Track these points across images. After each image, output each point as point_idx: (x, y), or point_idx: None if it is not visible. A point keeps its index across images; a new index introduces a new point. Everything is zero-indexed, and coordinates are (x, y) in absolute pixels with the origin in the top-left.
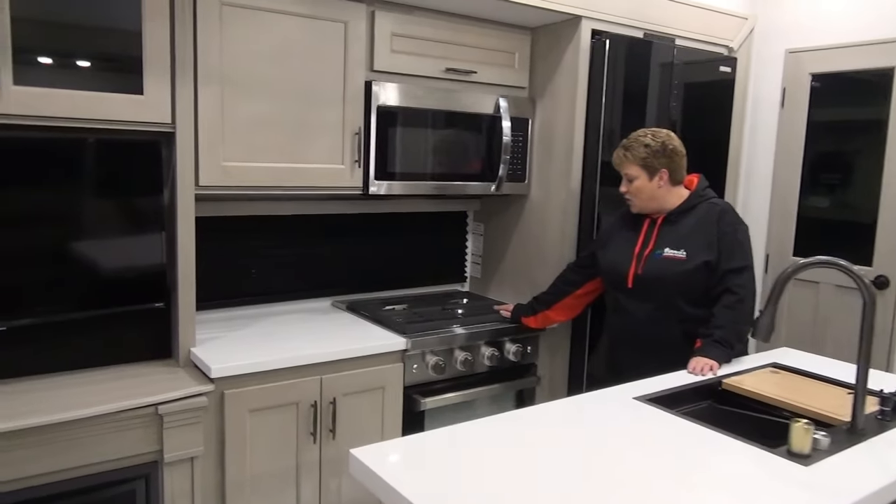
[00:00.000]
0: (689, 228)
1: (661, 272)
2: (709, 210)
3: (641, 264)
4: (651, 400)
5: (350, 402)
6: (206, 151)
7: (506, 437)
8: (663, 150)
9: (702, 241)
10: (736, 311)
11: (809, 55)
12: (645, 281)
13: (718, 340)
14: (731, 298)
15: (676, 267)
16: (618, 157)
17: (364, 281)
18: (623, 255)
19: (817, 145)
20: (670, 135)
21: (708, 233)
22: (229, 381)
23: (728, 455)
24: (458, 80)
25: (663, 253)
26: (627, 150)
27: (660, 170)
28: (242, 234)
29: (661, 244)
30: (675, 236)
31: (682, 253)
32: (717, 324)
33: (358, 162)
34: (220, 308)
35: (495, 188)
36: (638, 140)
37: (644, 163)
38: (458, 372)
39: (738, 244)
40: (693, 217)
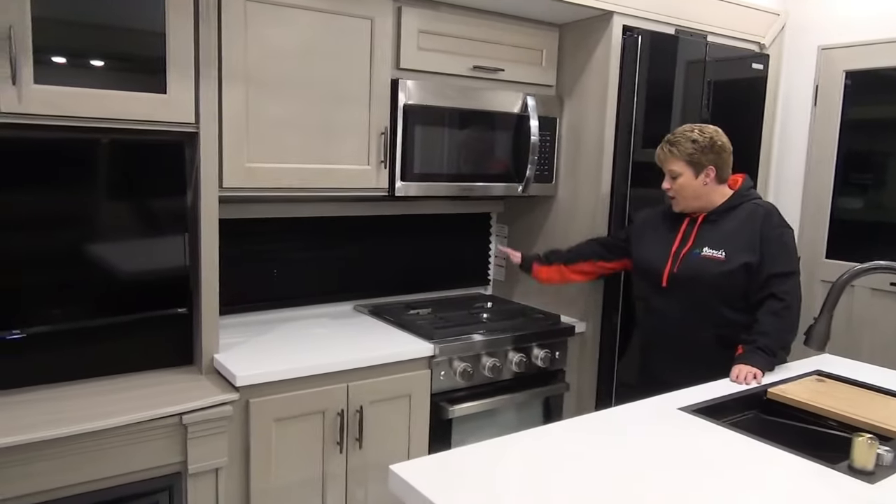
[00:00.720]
0: (730, 229)
1: (698, 272)
2: (753, 211)
3: (678, 263)
4: (697, 411)
5: (377, 410)
6: (231, 152)
7: (550, 453)
8: (711, 146)
9: (743, 243)
10: (782, 319)
11: (843, 52)
12: (680, 280)
13: (762, 348)
14: (777, 305)
15: (714, 268)
16: (662, 152)
17: (386, 284)
18: (659, 252)
19: (851, 145)
20: (718, 131)
21: (750, 234)
22: (255, 389)
23: (787, 471)
24: (485, 79)
25: (702, 252)
26: (673, 146)
27: (706, 167)
28: (263, 237)
29: (700, 243)
30: (716, 236)
31: (721, 253)
32: (762, 330)
33: (384, 162)
34: (241, 312)
35: (522, 189)
36: (685, 135)
37: (690, 159)
38: (486, 378)
39: (783, 248)
40: (735, 217)
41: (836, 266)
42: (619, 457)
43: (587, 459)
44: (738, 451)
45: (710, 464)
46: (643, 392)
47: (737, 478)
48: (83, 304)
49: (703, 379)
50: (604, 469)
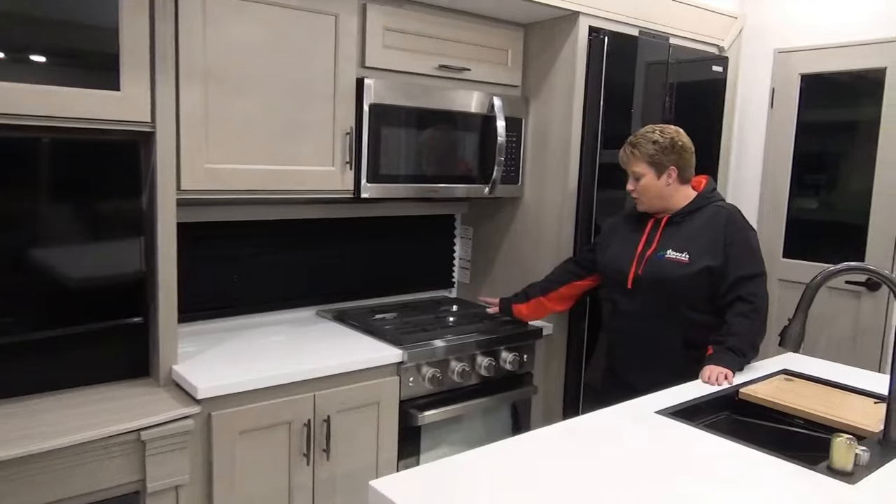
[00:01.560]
0: (694, 231)
1: (663, 274)
2: (716, 213)
3: (643, 265)
4: (674, 414)
5: (344, 419)
6: (189, 153)
7: (534, 462)
8: (672, 146)
9: (706, 245)
10: (751, 320)
11: (799, 55)
12: (645, 282)
13: (731, 348)
14: (746, 307)
15: (678, 270)
16: (624, 154)
17: (349, 288)
18: (624, 254)
19: (807, 146)
20: (679, 131)
21: (714, 237)
22: (217, 401)
23: (768, 474)
24: (450, 78)
25: (666, 254)
26: (635, 147)
27: (668, 167)
28: (222, 241)
29: (665, 245)
30: (680, 238)
31: (684, 255)
32: (731, 331)
33: (350, 164)
34: (201, 320)
35: (489, 190)
36: (646, 136)
37: (652, 160)
38: (454, 384)
39: (749, 250)
40: (699, 219)
41: (793, 265)
42: (605, 464)
43: (573, 468)
44: (719, 454)
45: (693, 468)
46: (609, 394)
47: (720, 481)
48: (29, 315)
49: (669, 381)
50: (592, 477)
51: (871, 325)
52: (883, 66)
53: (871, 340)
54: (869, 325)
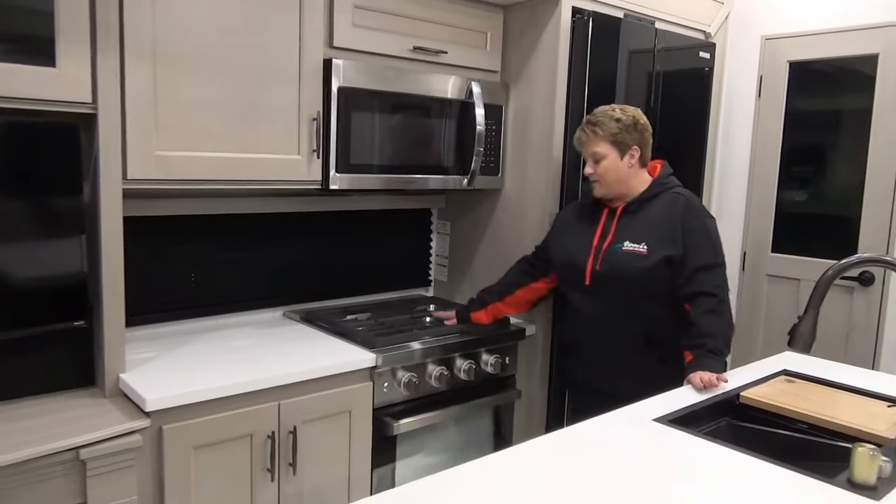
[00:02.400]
0: (650, 220)
1: (621, 268)
2: (673, 201)
3: (600, 259)
4: (672, 421)
5: (312, 430)
6: (136, 138)
7: (530, 477)
8: (634, 125)
9: (664, 235)
10: (719, 316)
11: (787, 42)
12: (604, 277)
13: (712, 350)
14: (711, 301)
15: (637, 262)
16: (584, 134)
17: (317, 288)
18: (580, 248)
19: (796, 136)
20: (638, 111)
21: (671, 225)
22: (168, 413)
23: (784, 488)
24: (426, 62)
25: (623, 246)
26: (596, 126)
27: (631, 147)
28: (177, 236)
29: (621, 237)
30: (636, 228)
31: (642, 247)
32: (705, 332)
33: (317, 152)
34: (153, 323)
35: (468, 182)
36: (606, 115)
37: (615, 139)
38: (432, 389)
39: (706, 239)
40: (655, 207)
41: (782, 260)
42: (604, 477)
43: (570, 483)
44: (726, 467)
45: (700, 482)
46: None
47: (732, 498)
48: None
49: (632, 382)
50: (592, 492)
51: (865, 321)
52: (875, 52)
53: (864, 338)
54: (862, 321)
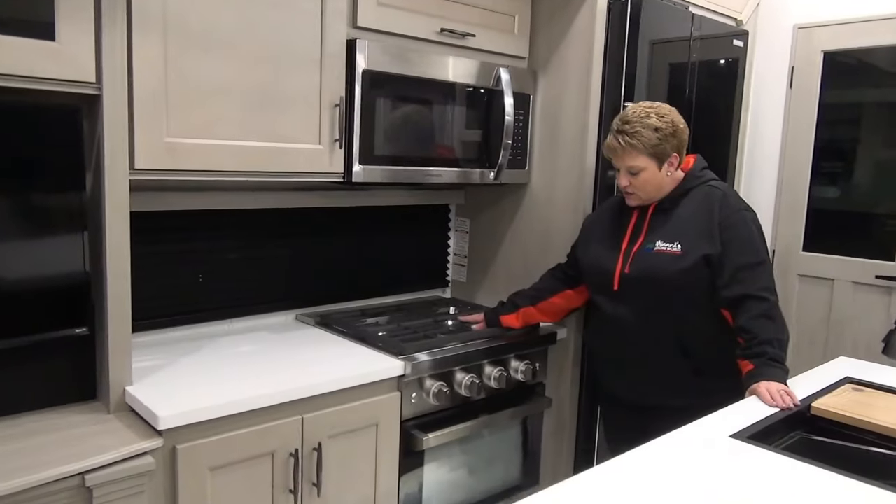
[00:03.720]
0: (684, 217)
1: (653, 270)
2: (708, 194)
3: (629, 261)
4: (750, 438)
5: (338, 446)
6: (145, 123)
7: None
8: (674, 131)
9: (700, 232)
10: (773, 320)
11: (821, 31)
12: (633, 281)
13: (773, 359)
14: (763, 305)
15: (671, 264)
16: (618, 146)
17: (330, 290)
18: (607, 251)
19: (830, 130)
20: (673, 109)
21: (707, 221)
22: (183, 431)
23: None
24: (453, 45)
25: (654, 247)
26: (632, 138)
27: (671, 155)
28: (183, 234)
29: (653, 237)
30: (669, 227)
31: (676, 246)
32: (762, 339)
33: (339, 141)
34: (157, 329)
35: (495, 175)
36: (643, 122)
37: (655, 151)
38: (462, 398)
39: (748, 234)
40: (689, 203)
41: (814, 259)
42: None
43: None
44: (830, 490)
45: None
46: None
47: None
48: None
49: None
50: None
51: None
52: None
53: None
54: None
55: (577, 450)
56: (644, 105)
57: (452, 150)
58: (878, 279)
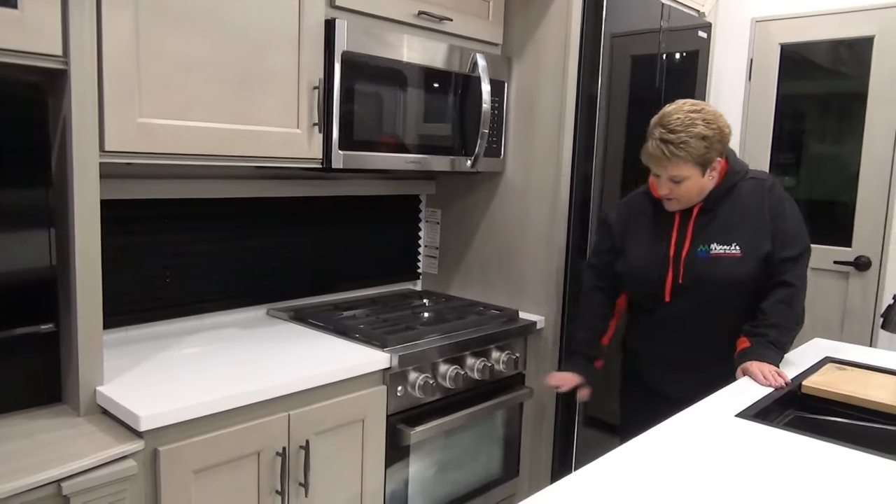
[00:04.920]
0: (736, 214)
1: (713, 276)
2: (755, 187)
3: (681, 269)
4: (754, 416)
5: (324, 443)
6: (116, 101)
7: (647, 486)
8: (721, 137)
9: (754, 228)
10: (792, 309)
11: (779, 24)
12: (689, 290)
13: (774, 343)
14: (787, 291)
15: (733, 268)
16: (662, 155)
17: (299, 284)
18: (652, 258)
19: (788, 121)
20: (717, 113)
21: (759, 215)
22: (165, 432)
23: None
24: (430, 29)
25: (710, 250)
26: (679, 148)
27: (715, 160)
28: (151, 224)
29: (704, 239)
30: (721, 227)
31: (735, 248)
32: (772, 322)
33: (318, 125)
34: (123, 326)
35: (472, 164)
36: (689, 131)
37: (702, 160)
38: (446, 391)
39: (799, 225)
40: (737, 199)
41: None
42: (721, 481)
43: (686, 488)
44: (842, 461)
45: (835, 488)
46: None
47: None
48: None
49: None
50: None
51: (860, 306)
52: (871, 34)
53: (859, 322)
54: (857, 306)
55: (556, 440)
56: (687, 108)
57: (431, 137)
58: (836, 264)
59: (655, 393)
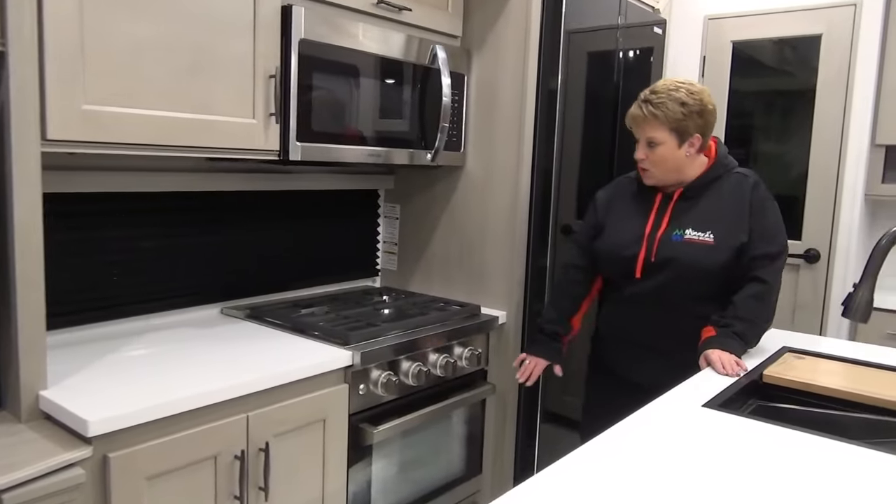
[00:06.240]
0: (715, 206)
1: (682, 259)
2: (739, 182)
3: (654, 248)
4: (720, 406)
5: (285, 444)
6: (58, 86)
7: (621, 482)
8: (702, 111)
9: (733, 222)
10: (763, 304)
11: (730, 22)
12: (659, 269)
13: (739, 334)
14: (760, 287)
15: (703, 255)
16: (640, 114)
17: (254, 281)
18: (629, 236)
19: (740, 117)
20: (706, 91)
21: (740, 210)
22: (115, 437)
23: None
24: (388, 19)
25: (685, 235)
26: (657, 108)
27: (693, 135)
28: (95, 220)
29: (681, 224)
30: (699, 215)
31: (708, 236)
32: (740, 315)
33: (275, 115)
34: (66, 327)
35: (432, 157)
36: (671, 95)
37: (677, 126)
38: (409, 388)
39: (778, 225)
40: (719, 192)
41: None
42: (691, 474)
43: (665, 484)
44: (815, 452)
45: (805, 477)
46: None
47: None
48: None
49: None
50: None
51: (810, 299)
52: (818, 33)
53: (810, 315)
54: (808, 299)
55: (519, 436)
56: (677, 80)
57: (389, 130)
58: (788, 257)
59: (621, 380)
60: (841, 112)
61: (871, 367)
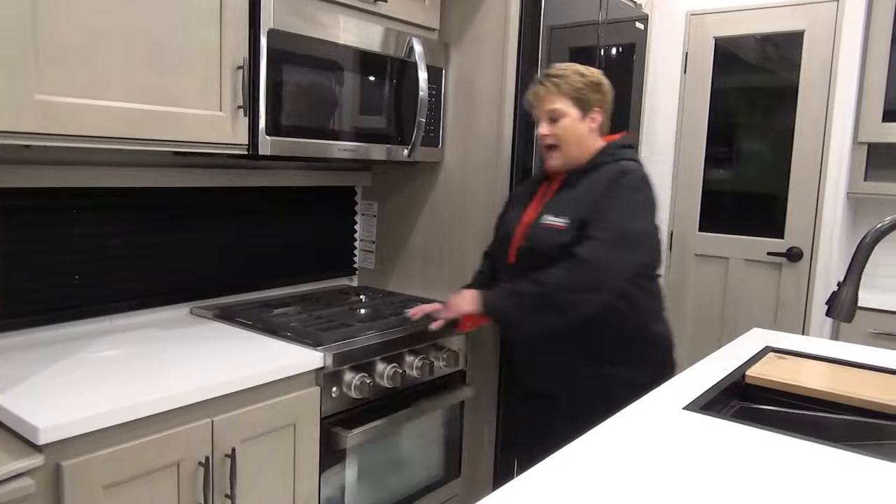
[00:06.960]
0: (583, 192)
1: (536, 243)
2: (612, 173)
3: (524, 234)
4: (702, 408)
5: (252, 450)
6: (10, 76)
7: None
8: (598, 85)
9: (585, 206)
10: (565, 273)
11: (712, 18)
12: (526, 255)
13: (515, 293)
14: (571, 261)
15: (552, 238)
16: (542, 88)
17: (227, 280)
18: (511, 223)
19: (723, 114)
20: (601, 73)
21: (597, 196)
22: (68, 445)
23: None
24: (363, 10)
25: (542, 220)
26: (559, 79)
27: (594, 107)
28: (54, 217)
29: (547, 210)
30: (566, 202)
31: (561, 220)
32: (538, 278)
33: (243, 108)
34: (22, 329)
35: (408, 153)
36: (568, 68)
37: (578, 95)
38: (384, 390)
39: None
40: (593, 180)
41: (709, 239)
42: (679, 481)
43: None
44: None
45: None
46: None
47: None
48: None
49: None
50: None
51: (793, 297)
52: (801, 29)
53: (793, 311)
54: (790, 298)
55: (498, 439)
56: (568, 63)
57: (364, 125)
58: (769, 255)
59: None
60: (823, 109)
61: (854, 368)
